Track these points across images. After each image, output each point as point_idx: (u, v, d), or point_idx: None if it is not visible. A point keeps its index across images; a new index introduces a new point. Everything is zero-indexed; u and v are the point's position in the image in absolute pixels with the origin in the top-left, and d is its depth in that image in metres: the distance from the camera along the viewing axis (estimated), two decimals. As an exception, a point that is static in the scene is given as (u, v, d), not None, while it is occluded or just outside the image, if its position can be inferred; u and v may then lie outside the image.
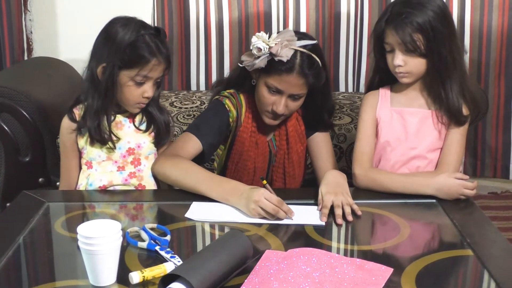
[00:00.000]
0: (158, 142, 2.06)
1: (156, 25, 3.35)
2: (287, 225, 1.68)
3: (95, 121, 1.94)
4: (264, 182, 1.86)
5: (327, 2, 3.37)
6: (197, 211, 1.76)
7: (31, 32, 3.38)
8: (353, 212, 1.74)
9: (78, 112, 1.99)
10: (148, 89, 1.92)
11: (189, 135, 2.04)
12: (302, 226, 1.68)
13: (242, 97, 2.12)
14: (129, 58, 1.87)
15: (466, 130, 2.00)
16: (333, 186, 1.82)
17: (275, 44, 1.91)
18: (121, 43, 1.87)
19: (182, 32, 3.40)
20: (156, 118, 2.04)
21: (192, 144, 2.02)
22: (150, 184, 2.04)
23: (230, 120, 2.10)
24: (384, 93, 2.04)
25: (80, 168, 2.04)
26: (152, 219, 1.84)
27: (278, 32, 1.97)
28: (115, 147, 1.99)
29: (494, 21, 3.34)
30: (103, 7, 3.23)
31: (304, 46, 1.95)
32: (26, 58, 3.33)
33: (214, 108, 2.12)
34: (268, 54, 1.92)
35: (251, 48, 1.94)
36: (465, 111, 1.96)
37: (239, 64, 2.04)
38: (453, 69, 1.92)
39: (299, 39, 1.96)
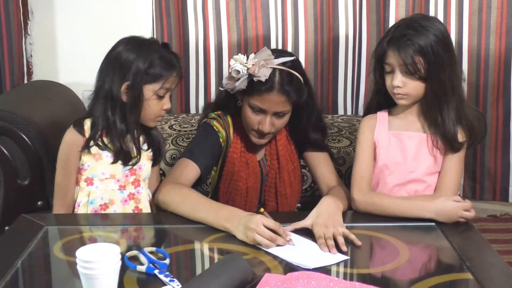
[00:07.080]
0: (154, 162, 2.09)
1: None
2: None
3: (120, 140, 1.95)
4: (262, 210, 1.84)
5: (325, 25, 3.39)
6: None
7: (31, 56, 3.39)
8: (352, 242, 1.70)
9: (85, 127, 1.97)
10: (167, 102, 1.99)
11: (186, 160, 2.05)
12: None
13: (229, 118, 2.15)
14: (153, 73, 1.93)
15: (463, 155, 2.00)
16: (324, 217, 1.77)
17: (252, 65, 1.94)
18: (141, 61, 1.91)
19: (181, 56, 3.41)
20: (154, 138, 2.07)
21: (190, 169, 2.04)
22: (146, 208, 2.05)
23: (221, 140, 2.12)
24: (382, 117, 2.05)
25: (76, 184, 2.02)
26: (151, 243, 1.83)
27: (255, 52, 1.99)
28: (135, 163, 2.00)
29: (491, 45, 3.36)
30: (103, 31, 3.24)
31: (283, 64, 1.98)
32: (26, 81, 3.33)
33: (204, 131, 2.14)
34: (247, 76, 1.96)
35: (229, 71, 1.98)
36: (461, 137, 1.96)
37: (220, 87, 2.07)
38: (451, 95, 1.92)
39: (277, 57, 1.99)
